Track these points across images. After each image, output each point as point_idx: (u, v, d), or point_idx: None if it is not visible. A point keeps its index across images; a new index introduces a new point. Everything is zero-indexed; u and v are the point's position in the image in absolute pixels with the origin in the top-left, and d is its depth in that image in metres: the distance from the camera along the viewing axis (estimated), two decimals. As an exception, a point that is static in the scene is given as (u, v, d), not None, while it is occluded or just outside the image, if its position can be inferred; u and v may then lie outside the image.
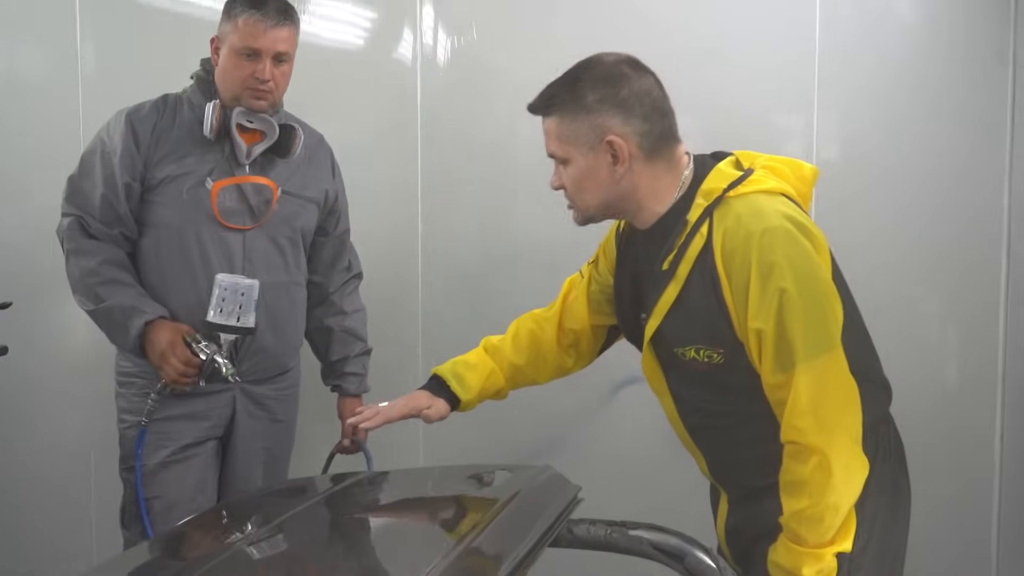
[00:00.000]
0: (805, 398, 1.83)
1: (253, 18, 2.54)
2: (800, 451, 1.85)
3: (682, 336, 2.00)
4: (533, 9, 3.17)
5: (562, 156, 2.01)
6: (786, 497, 1.89)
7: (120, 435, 2.73)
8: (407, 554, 1.76)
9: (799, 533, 1.87)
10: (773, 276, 1.84)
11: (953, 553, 3.01)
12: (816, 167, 2.11)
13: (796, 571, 1.87)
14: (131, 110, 2.66)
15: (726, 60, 3.03)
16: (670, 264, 1.97)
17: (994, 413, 2.97)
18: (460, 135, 3.25)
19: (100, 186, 2.60)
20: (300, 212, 2.76)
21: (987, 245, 2.93)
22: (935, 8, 2.94)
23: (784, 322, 1.84)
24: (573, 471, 2.18)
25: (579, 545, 1.94)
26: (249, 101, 2.60)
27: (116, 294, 2.58)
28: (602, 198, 2.01)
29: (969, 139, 2.92)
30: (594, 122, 1.95)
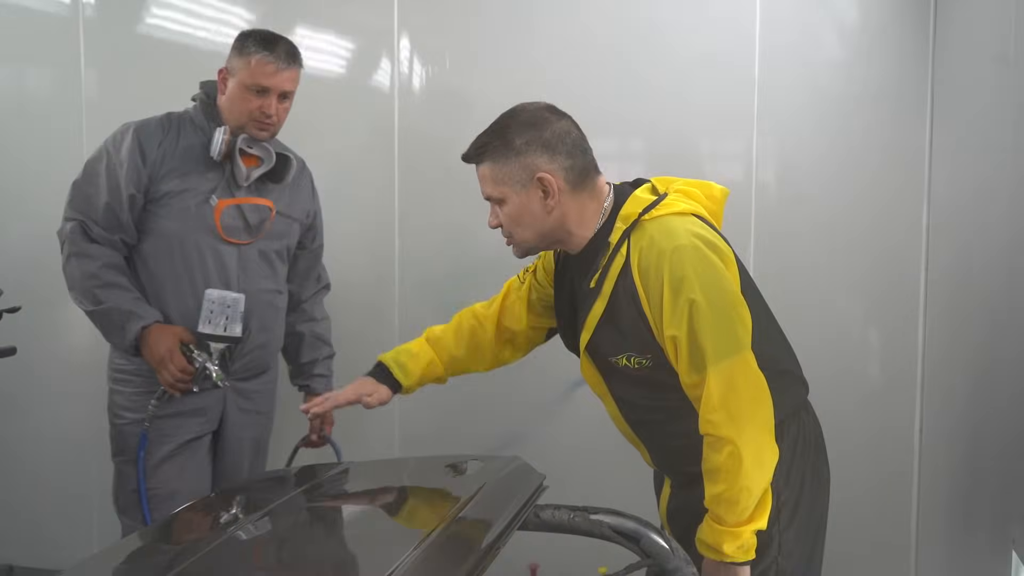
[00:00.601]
0: (716, 395, 1.88)
1: (266, 60, 2.56)
2: (714, 442, 1.90)
3: (613, 346, 2.05)
4: (497, 43, 3.19)
5: (498, 197, 2.05)
6: (707, 483, 1.93)
7: (117, 429, 2.72)
8: (387, 539, 1.76)
9: (719, 514, 1.91)
10: (683, 289, 1.89)
11: (876, 535, 3.05)
12: (726, 188, 2.17)
13: (718, 547, 1.91)
14: (138, 125, 2.64)
15: (676, 93, 3.06)
16: (596, 282, 2.02)
17: (913, 409, 3.01)
18: (434, 155, 3.24)
19: (104, 194, 2.58)
20: (288, 231, 2.80)
21: (908, 258, 2.97)
22: (861, 46, 2.98)
23: (695, 329, 1.89)
24: (539, 461, 2.19)
25: (545, 528, 1.95)
26: (253, 131, 2.62)
27: (114, 297, 2.57)
28: (537, 230, 2.06)
29: (891, 162, 2.96)
30: (524, 162, 2.00)
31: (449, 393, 3.25)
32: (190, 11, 3.39)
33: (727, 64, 3.02)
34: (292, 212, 2.80)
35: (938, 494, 2.88)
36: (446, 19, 3.24)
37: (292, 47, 2.63)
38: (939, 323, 2.87)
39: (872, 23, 2.97)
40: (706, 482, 1.94)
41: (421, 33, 3.24)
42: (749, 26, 3.00)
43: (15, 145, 3.48)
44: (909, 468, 3.03)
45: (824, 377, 3.00)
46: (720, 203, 2.15)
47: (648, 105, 3.08)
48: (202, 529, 1.93)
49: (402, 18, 3.23)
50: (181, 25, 3.39)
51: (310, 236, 2.91)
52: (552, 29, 3.15)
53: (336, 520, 2.02)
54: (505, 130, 2.03)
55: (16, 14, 3.43)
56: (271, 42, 2.60)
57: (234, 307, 2.61)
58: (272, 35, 2.63)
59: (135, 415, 2.67)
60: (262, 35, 2.62)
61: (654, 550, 1.85)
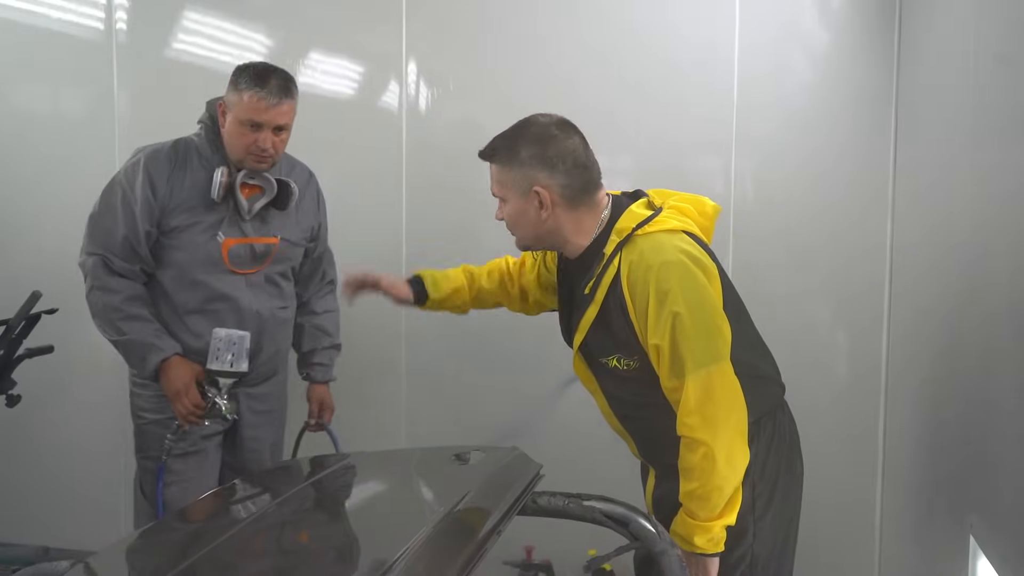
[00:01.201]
0: (693, 400, 1.89)
1: (257, 95, 2.46)
2: (690, 443, 1.91)
3: (603, 348, 2.06)
4: (498, 68, 3.19)
5: (500, 195, 2.09)
6: (682, 480, 1.95)
7: (139, 428, 2.71)
8: (395, 524, 1.75)
9: (692, 509, 1.93)
10: (667, 301, 1.89)
11: (843, 522, 3.05)
12: (719, 205, 2.17)
13: (690, 539, 1.93)
14: (148, 157, 2.57)
15: (664, 112, 3.06)
16: (590, 289, 2.03)
17: (878, 407, 3.01)
18: (439, 170, 3.25)
19: (122, 228, 2.54)
20: (293, 254, 2.76)
21: (874, 267, 2.97)
22: (831, 70, 2.99)
23: (676, 339, 1.89)
24: (536, 451, 2.19)
25: (542, 513, 1.95)
26: (251, 164, 2.55)
27: (136, 329, 2.55)
28: (532, 233, 2.08)
29: (860, 176, 2.97)
30: (525, 173, 2.02)
31: (453, 387, 3.28)
32: (214, 37, 3.39)
33: (708, 88, 3.02)
34: (296, 236, 2.75)
35: (901, 484, 2.88)
36: (450, 45, 3.24)
37: (285, 81, 2.52)
38: (902, 328, 2.87)
39: (841, 50, 2.98)
40: (681, 479, 1.95)
41: (427, 58, 3.23)
42: (728, 51, 3.00)
43: (53, 161, 3.46)
44: (873, 460, 3.03)
45: (795, 377, 3.00)
46: (711, 219, 2.16)
47: (639, 127, 3.09)
48: (215, 520, 1.91)
49: (410, 44, 3.23)
50: (206, 50, 3.38)
51: (314, 245, 2.86)
52: (549, 57, 3.15)
53: (345, 508, 2.02)
54: (515, 140, 2.04)
55: (55, 38, 3.42)
56: (263, 77, 2.48)
57: (240, 344, 2.56)
58: (265, 70, 2.51)
59: (155, 415, 2.66)
60: (255, 70, 2.51)
61: (642, 533, 1.85)
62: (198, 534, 1.78)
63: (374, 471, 2.20)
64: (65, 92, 3.53)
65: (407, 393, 3.33)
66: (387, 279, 2.44)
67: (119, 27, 3.38)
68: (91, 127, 3.43)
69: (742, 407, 1.93)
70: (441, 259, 3.24)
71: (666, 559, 1.83)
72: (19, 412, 3.00)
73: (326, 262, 2.94)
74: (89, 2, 3.39)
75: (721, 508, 1.92)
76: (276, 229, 2.68)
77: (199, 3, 3.36)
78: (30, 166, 3.48)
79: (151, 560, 1.65)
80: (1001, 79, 1.91)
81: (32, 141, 3.48)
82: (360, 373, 3.32)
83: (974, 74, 2.12)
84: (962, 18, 2.24)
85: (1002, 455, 1.83)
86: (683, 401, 1.90)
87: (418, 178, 3.26)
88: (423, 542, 1.53)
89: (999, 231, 1.89)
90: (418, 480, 2.16)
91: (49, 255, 3.43)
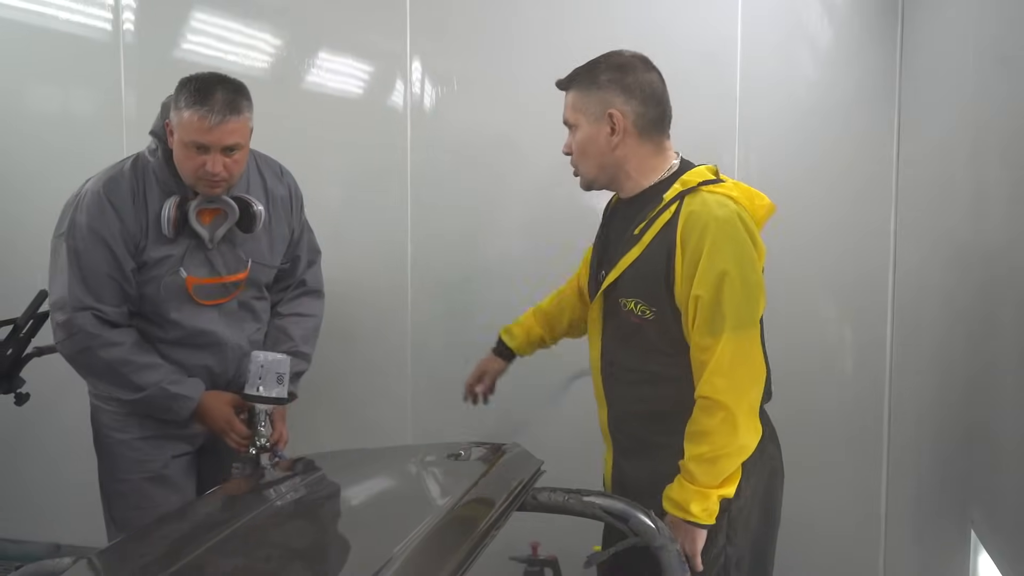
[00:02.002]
0: (727, 361, 1.88)
1: (198, 114, 2.15)
2: (711, 405, 1.90)
3: (629, 288, 2.05)
4: (503, 66, 3.20)
5: (572, 122, 2.07)
6: (689, 444, 1.94)
7: (102, 447, 2.53)
8: (397, 519, 1.76)
9: (695, 473, 1.92)
10: (720, 256, 1.90)
11: (847, 516, 3.05)
12: (773, 205, 2.12)
13: (685, 505, 1.93)
14: (107, 187, 2.28)
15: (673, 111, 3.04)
16: (640, 230, 2.02)
17: (882, 401, 3.00)
18: (443, 168, 3.26)
19: (105, 268, 2.28)
20: (265, 275, 2.54)
21: (877, 261, 2.96)
22: (834, 64, 2.98)
23: (722, 295, 1.89)
24: (537, 448, 2.20)
25: (542, 509, 1.96)
26: (204, 189, 2.28)
27: (152, 379, 2.34)
28: (598, 163, 2.07)
29: (863, 171, 2.96)
30: (602, 97, 2.03)
31: (458, 384, 3.28)
32: (221, 37, 3.40)
33: (711, 84, 3.01)
34: (270, 257, 2.52)
35: (905, 478, 2.87)
36: (454, 44, 3.24)
37: (232, 95, 2.20)
38: (906, 323, 2.86)
39: (844, 43, 2.97)
40: (688, 443, 1.94)
41: (431, 57, 3.24)
42: (731, 47, 2.99)
43: (61, 161, 3.48)
44: (878, 454, 3.02)
45: (799, 372, 3.02)
46: (762, 215, 2.12)
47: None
48: (215, 516, 1.92)
49: (414, 43, 3.23)
50: (213, 50, 3.39)
51: (288, 252, 2.60)
52: (552, 55, 3.13)
53: (346, 503, 2.02)
54: (595, 66, 2.06)
55: (62, 39, 3.44)
56: (205, 93, 2.17)
57: (279, 370, 2.35)
58: (207, 83, 2.20)
59: (122, 435, 2.47)
60: (197, 85, 2.19)
61: (641, 529, 1.86)
62: (199, 531, 1.79)
63: (375, 467, 2.21)
64: (73, 93, 3.55)
65: (413, 390, 3.34)
66: (484, 369, 2.59)
67: (126, 28, 3.39)
68: (99, 127, 3.44)
69: (763, 382, 1.95)
70: (445, 259, 3.28)
71: (666, 554, 1.83)
72: (28, 410, 3.03)
73: (302, 267, 2.66)
74: (96, 3, 3.40)
75: (725, 476, 1.92)
76: (248, 252, 2.45)
77: (206, 3, 3.37)
78: (38, 166, 3.50)
79: (153, 557, 1.66)
80: (1003, 74, 1.90)
81: (40, 141, 3.50)
82: (366, 371, 3.34)
83: (976, 70, 2.11)
84: (964, 14, 2.23)
85: (1004, 451, 1.83)
86: (715, 361, 1.89)
87: (423, 176, 3.26)
88: (423, 537, 1.54)
89: (1003, 226, 1.89)
90: (419, 476, 2.17)
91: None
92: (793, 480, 3.05)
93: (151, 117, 3.38)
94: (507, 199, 3.19)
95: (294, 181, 2.61)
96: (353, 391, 3.37)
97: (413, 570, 1.44)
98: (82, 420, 3.19)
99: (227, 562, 1.58)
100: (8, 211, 3.53)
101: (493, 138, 3.21)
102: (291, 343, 2.57)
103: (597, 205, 3.12)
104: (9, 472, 3.62)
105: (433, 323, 3.29)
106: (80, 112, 3.55)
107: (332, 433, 3.23)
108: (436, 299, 3.29)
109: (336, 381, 3.29)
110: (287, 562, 1.63)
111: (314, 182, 3.30)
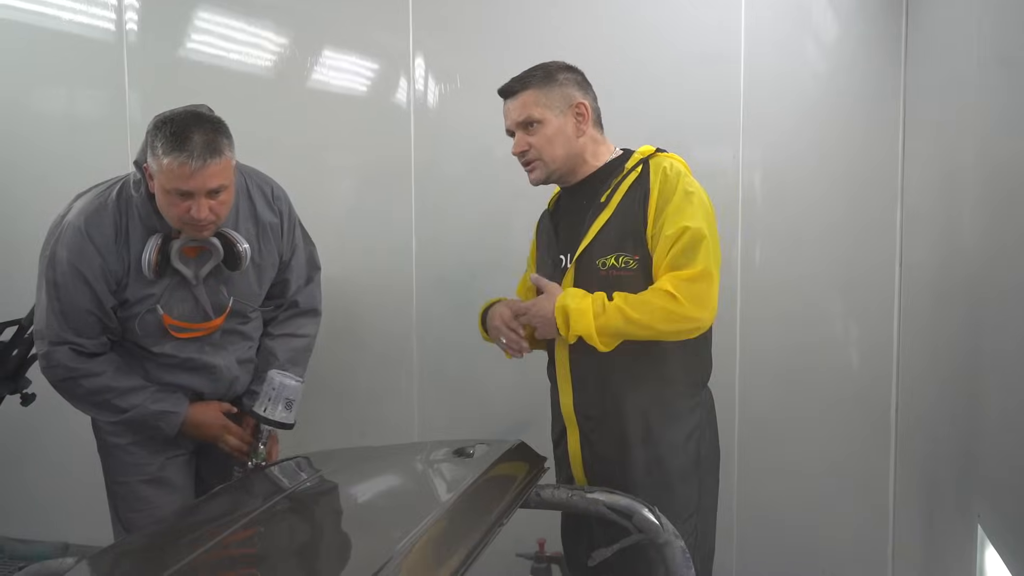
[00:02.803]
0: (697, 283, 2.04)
1: (178, 160, 2.04)
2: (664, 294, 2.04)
3: (606, 247, 2.17)
4: (506, 63, 3.17)
5: (538, 117, 2.21)
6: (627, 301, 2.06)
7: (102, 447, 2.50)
8: (402, 515, 1.77)
9: (605, 305, 2.07)
10: (695, 199, 2.11)
11: (856, 511, 3.04)
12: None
13: (572, 303, 2.08)
14: (89, 222, 2.20)
15: (671, 104, 3.05)
16: (606, 197, 2.18)
17: (889, 396, 2.99)
18: (447, 165, 3.26)
19: (85, 303, 2.23)
20: (251, 304, 2.48)
21: (883, 252, 2.95)
22: (839, 57, 2.97)
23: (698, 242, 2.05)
24: (541, 445, 2.20)
25: (545, 506, 1.96)
26: (191, 233, 2.20)
27: (135, 400, 2.31)
28: (567, 150, 2.23)
29: (868, 166, 2.94)
30: (563, 92, 2.23)
31: (463, 382, 3.28)
32: (224, 36, 3.40)
33: (715, 79, 3.00)
34: (254, 293, 2.46)
35: (912, 473, 2.86)
36: (457, 41, 3.24)
37: (211, 135, 2.08)
38: (913, 318, 2.85)
39: (849, 36, 2.95)
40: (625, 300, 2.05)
41: (434, 54, 3.24)
42: (735, 42, 2.98)
43: (65, 160, 3.50)
44: (886, 449, 3.01)
45: (806, 367, 3.01)
46: None
47: (646, 118, 3.06)
48: (220, 515, 1.93)
49: (417, 40, 3.23)
50: (216, 49, 3.40)
51: (277, 277, 2.52)
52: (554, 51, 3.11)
53: (351, 500, 2.04)
54: (546, 67, 2.26)
55: (67, 39, 3.46)
56: (182, 137, 2.05)
57: (293, 396, 2.33)
58: (184, 126, 2.07)
59: (116, 439, 2.44)
60: (172, 129, 2.07)
61: (645, 525, 1.86)
62: (203, 529, 1.79)
63: (380, 464, 2.21)
64: (77, 93, 3.56)
65: (418, 387, 3.35)
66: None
67: (130, 27, 3.40)
68: (103, 127, 3.46)
69: (707, 325, 2.10)
70: (448, 253, 3.27)
71: (670, 550, 1.83)
72: (35, 411, 3.04)
73: (293, 289, 2.58)
74: (100, 3, 3.42)
75: (613, 329, 2.04)
76: (233, 286, 2.39)
77: (209, 3, 3.38)
78: (42, 166, 3.52)
79: (157, 556, 1.67)
80: (1008, 70, 1.89)
81: (44, 141, 3.52)
82: (372, 367, 3.35)
83: (981, 64, 2.10)
84: (969, 8, 2.22)
85: (1011, 446, 1.82)
86: (687, 273, 2.03)
87: (427, 173, 3.26)
88: (428, 533, 1.55)
89: (1007, 221, 1.88)
90: (423, 473, 2.18)
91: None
92: (801, 474, 3.06)
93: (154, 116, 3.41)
94: (511, 195, 3.18)
95: (287, 204, 2.51)
96: (359, 387, 3.37)
97: (418, 565, 1.44)
98: (88, 420, 3.20)
99: (230, 560, 1.58)
100: (12, 212, 3.55)
101: (496, 135, 3.19)
102: (276, 362, 2.53)
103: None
104: (17, 472, 3.64)
105: (438, 319, 3.30)
106: (84, 112, 3.56)
107: (337, 429, 3.23)
108: (441, 295, 3.29)
109: (342, 377, 3.30)
110: (292, 558, 1.63)
111: (318, 180, 3.31)
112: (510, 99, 2.26)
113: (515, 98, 2.24)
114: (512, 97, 2.25)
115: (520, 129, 2.24)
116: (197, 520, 1.92)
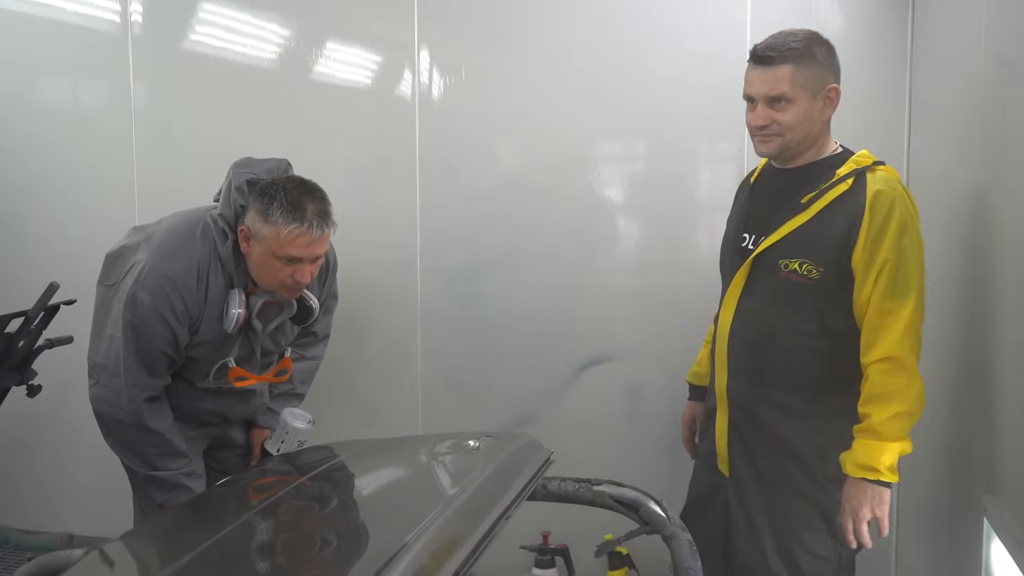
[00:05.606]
0: (911, 323, 2.02)
1: (298, 231, 2.13)
2: (894, 367, 2.01)
3: (793, 251, 2.11)
4: (510, 55, 3.19)
5: (791, 96, 2.08)
6: (877, 406, 2.01)
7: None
8: (410, 507, 1.77)
9: (882, 432, 2.00)
10: (909, 232, 2.03)
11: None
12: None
13: (874, 464, 2.00)
14: (174, 273, 2.22)
15: (676, 98, 3.05)
16: (809, 200, 2.10)
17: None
18: (452, 160, 3.25)
19: (163, 347, 2.27)
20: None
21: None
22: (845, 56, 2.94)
23: (907, 261, 2.01)
24: (547, 437, 2.20)
25: (552, 498, 1.96)
26: (285, 295, 2.29)
27: (173, 467, 2.34)
28: (806, 133, 2.12)
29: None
30: (820, 73, 2.09)
31: (468, 374, 3.29)
32: (229, 28, 3.40)
33: (721, 73, 2.99)
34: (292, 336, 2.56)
35: (917, 467, 2.86)
36: (462, 34, 3.23)
37: (322, 203, 2.19)
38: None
39: (855, 36, 2.94)
40: (874, 406, 2.01)
41: (439, 47, 3.23)
42: (740, 37, 2.97)
43: (71, 150, 3.50)
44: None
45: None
46: None
47: (652, 112, 3.07)
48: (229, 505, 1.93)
49: (421, 33, 3.23)
50: (221, 41, 3.40)
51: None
52: (559, 45, 3.14)
53: (359, 492, 2.04)
54: (806, 41, 2.09)
55: (72, 31, 3.46)
56: (299, 208, 2.14)
57: (304, 439, 2.55)
58: (299, 196, 2.16)
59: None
60: (288, 199, 2.15)
61: (652, 518, 1.86)
62: (212, 520, 1.80)
63: (387, 457, 2.22)
64: (82, 84, 3.56)
65: (422, 380, 3.35)
66: (691, 417, 2.52)
67: (135, 19, 3.40)
68: (108, 119, 3.46)
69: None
70: (452, 247, 3.27)
71: (676, 543, 1.84)
72: (40, 402, 3.04)
73: (320, 321, 2.64)
74: (104, -6, 3.42)
75: (906, 432, 2.01)
76: (282, 334, 2.48)
77: (214, -6, 3.38)
78: (47, 157, 3.52)
79: (168, 546, 1.68)
80: (1007, 70, 1.89)
81: (49, 133, 3.52)
82: (376, 360, 3.35)
83: (987, 60, 2.10)
84: (975, 5, 2.22)
85: (1016, 439, 1.83)
86: (898, 324, 1.99)
87: (431, 166, 3.26)
88: (435, 525, 1.54)
89: (1012, 217, 1.88)
90: (429, 465, 2.18)
91: (66, 245, 3.47)
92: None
93: (160, 108, 3.41)
94: (515, 188, 3.18)
95: (333, 253, 2.57)
96: (363, 380, 3.37)
97: (425, 558, 1.44)
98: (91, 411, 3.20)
99: (241, 550, 1.59)
100: (17, 205, 3.56)
101: (501, 127, 3.21)
102: (289, 385, 2.66)
103: (604, 195, 3.14)
104: (23, 463, 3.64)
105: (442, 313, 3.30)
106: (88, 103, 3.56)
107: (343, 422, 3.23)
108: (445, 289, 3.29)
109: (346, 371, 3.30)
110: (303, 549, 1.63)
111: (323, 172, 3.26)
112: (764, 68, 2.08)
113: (770, 69, 2.07)
114: (766, 66, 2.07)
115: (767, 104, 2.09)
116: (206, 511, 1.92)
